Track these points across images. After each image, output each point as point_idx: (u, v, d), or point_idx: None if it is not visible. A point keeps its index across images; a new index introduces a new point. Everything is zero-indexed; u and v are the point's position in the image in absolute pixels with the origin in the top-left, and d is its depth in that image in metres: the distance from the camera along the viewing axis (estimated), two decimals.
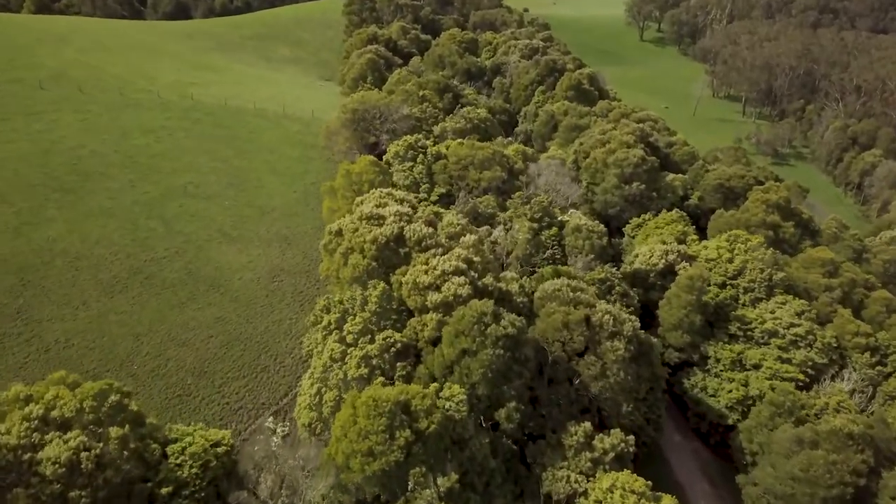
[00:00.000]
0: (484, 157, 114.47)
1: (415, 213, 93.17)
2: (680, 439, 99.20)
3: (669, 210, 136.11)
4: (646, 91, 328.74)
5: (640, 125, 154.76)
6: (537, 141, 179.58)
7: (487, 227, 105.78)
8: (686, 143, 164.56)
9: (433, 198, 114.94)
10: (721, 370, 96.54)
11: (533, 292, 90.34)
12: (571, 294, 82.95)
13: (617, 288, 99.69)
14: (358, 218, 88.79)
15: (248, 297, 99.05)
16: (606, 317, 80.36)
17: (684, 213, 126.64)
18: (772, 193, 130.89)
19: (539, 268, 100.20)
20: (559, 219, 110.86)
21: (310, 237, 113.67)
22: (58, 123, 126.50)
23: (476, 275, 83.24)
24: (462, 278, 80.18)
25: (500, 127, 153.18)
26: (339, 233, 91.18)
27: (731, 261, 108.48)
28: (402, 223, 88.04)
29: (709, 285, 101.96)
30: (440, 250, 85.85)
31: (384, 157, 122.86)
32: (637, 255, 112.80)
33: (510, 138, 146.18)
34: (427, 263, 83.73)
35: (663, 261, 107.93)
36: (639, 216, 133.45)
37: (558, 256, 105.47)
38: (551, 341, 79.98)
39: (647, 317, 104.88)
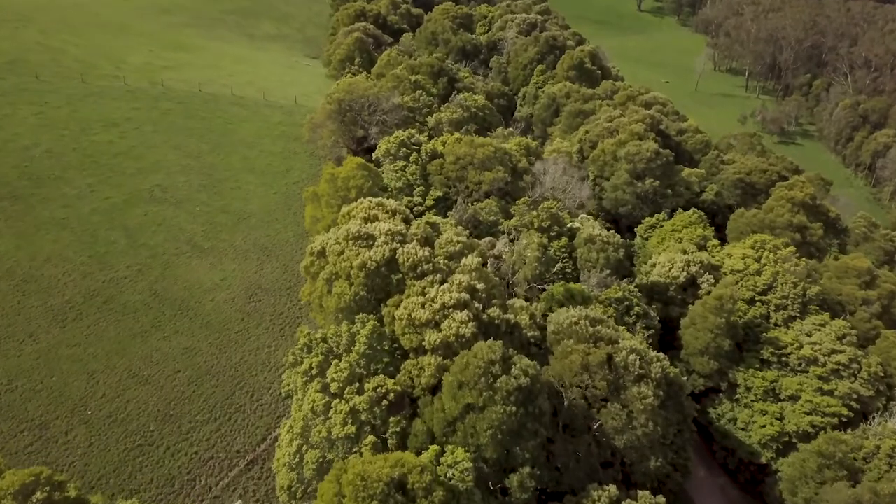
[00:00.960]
0: (484, 156, 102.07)
1: (409, 230, 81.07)
2: (705, 474, 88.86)
3: (685, 208, 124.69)
4: (645, 64, 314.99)
5: (650, 111, 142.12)
6: (538, 125, 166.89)
7: (490, 238, 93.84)
8: (698, 131, 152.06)
9: (428, 202, 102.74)
10: (752, 400, 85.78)
11: (545, 321, 78.94)
12: (590, 329, 71.47)
13: (636, 308, 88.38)
14: (344, 238, 76.63)
15: (222, 322, 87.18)
16: (632, 357, 69.02)
17: (702, 213, 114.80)
18: (797, 190, 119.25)
19: (549, 284, 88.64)
20: (569, 225, 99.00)
21: (291, 246, 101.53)
22: (10, 119, 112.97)
23: (480, 306, 71.62)
24: (465, 313, 68.54)
25: (499, 115, 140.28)
26: (322, 254, 79.10)
27: (759, 273, 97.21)
28: (394, 244, 76.03)
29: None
30: (438, 276, 74.04)
31: (374, 154, 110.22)
32: (655, 266, 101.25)
33: (510, 129, 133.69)
34: (424, 293, 71.99)
35: (685, 273, 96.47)
36: (652, 215, 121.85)
37: (569, 271, 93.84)
38: (569, 385, 68.74)
39: (666, 332, 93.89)
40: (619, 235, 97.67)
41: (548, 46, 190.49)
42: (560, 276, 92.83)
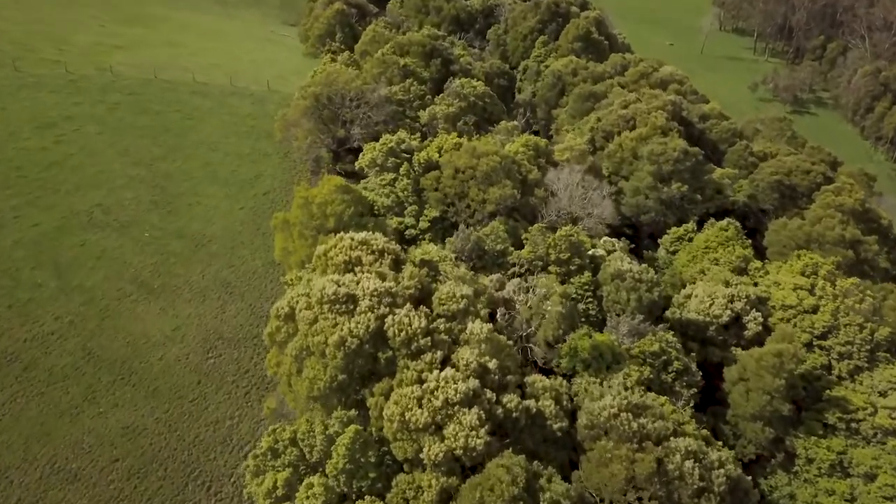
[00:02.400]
0: (489, 168, 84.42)
1: (399, 282, 64.21)
2: None
3: (715, 215, 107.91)
4: (646, 23, 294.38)
5: (671, 97, 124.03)
6: (541, 106, 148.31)
7: (499, 276, 76.97)
8: (723, 116, 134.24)
9: (423, 223, 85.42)
10: (815, 475, 70.65)
11: (572, 396, 63.01)
12: (634, 424, 55.46)
13: (675, 364, 72.38)
14: (318, 301, 59.69)
15: (173, 388, 70.62)
16: (689, 464, 53.33)
17: (737, 225, 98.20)
18: (845, 195, 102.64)
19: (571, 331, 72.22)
20: (590, 252, 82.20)
21: (260, 279, 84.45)
22: None
23: (493, 396, 55.37)
24: (474, 413, 52.36)
25: (500, 103, 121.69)
26: (291, 317, 62.30)
27: (815, 309, 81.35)
28: (381, 308, 59.24)
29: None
30: (439, 354, 57.56)
31: (357, 163, 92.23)
32: (690, 297, 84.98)
33: (514, 122, 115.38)
34: (421, 380, 55.62)
35: (728, 311, 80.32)
36: (678, 223, 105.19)
37: (593, 312, 77.40)
38: (609, 502, 53.10)
39: (703, 376, 78.06)
40: (652, 271, 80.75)
41: (549, 13, 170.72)
42: (583, 319, 76.45)
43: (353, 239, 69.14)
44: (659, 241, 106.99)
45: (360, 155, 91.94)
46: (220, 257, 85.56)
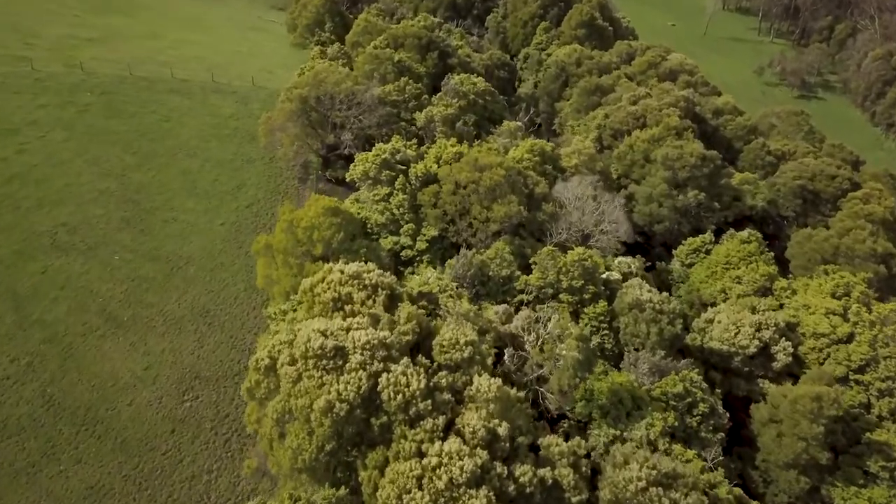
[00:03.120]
0: (493, 183, 76.14)
1: (396, 324, 56.50)
2: None
3: (734, 224, 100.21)
4: (649, 4, 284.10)
5: (683, 92, 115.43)
6: (543, 99, 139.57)
7: (505, 307, 69.13)
8: (737, 111, 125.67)
9: (420, 244, 77.33)
10: None
11: (590, 461, 55.59)
12: (666, 501, 48.07)
13: (701, 406, 64.98)
14: (301, 355, 51.86)
15: (143, 439, 62.97)
16: None
17: (759, 236, 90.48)
18: (874, 203, 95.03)
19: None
20: (605, 275, 74.42)
21: (242, 306, 76.58)
22: None
23: (504, 470, 47.90)
24: (483, 496, 44.83)
25: (502, 100, 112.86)
26: (272, 370, 54.52)
27: (850, 338, 73.91)
28: (375, 364, 51.46)
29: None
30: (441, 419, 49.97)
31: (348, 175, 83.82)
32: (713, 322, 77.43)
33: (518, 122, 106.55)
34: (421, 453, 48.07)
35: (756, 341, 72.80)
36: (694, 233, 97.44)
37: (609, 346, 69.83)
38: None
39: (726, 408, 70.69)
40: (673, 301, 73.06)
41: None
42: (598, 353, 68.91)
43: (342, 272, 61.13)
44: (673, 251, 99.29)
45: (352, 166, 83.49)
46: (197, 281, 77.46)
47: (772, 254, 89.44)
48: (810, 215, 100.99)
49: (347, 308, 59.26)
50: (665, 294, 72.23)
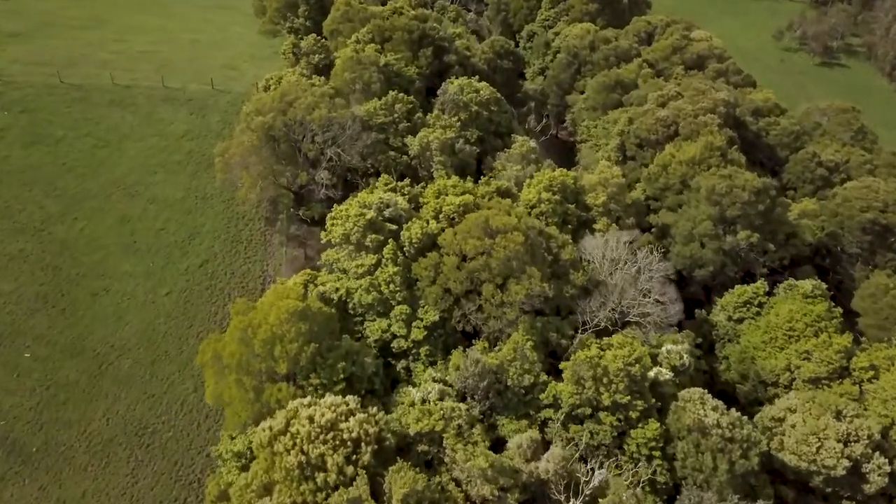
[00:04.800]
0: (510, 252, 58.07)
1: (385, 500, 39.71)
2: None
3: (791, 266, 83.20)
4: None
5: (723, 97, 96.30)
6: (552, 89, 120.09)
7: (528, 436, 52.23)
8: (779, 108, 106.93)
9: (416, 333, 59.73)
10: None
11: None
12: None
13: None
14: None
15: None
16: None
17: (824, 288, 73.89)
18: None
19: None
20: (652, 374, 57.49)
21: (189, 416, 59.43)
22: None
23: None
24: None
25: (509, 109, 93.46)
26: None
27: None
28: None
29: None
30: None
31: (323, 234, 65.43)
32: (782, 421, 61.13)
33: (530, 138, 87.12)
34: None
35: (844, 460, 56.60)
36: (741, 276, 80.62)
37: (661, 479, 53.44)
38: None
39: None
40: (748, 426, 56.01)
41: None
42: (646, 487, 52.72)
43: (312, 422, 44.08)
44: (715, 297, 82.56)
45: (329, 220, 65.03)
46: (133, 383, 60.03)
47: (839, 311, 72.61)
48: (879, 253, 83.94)
49: (319, 478, 42.37)
50: (737, 415, 55.22)
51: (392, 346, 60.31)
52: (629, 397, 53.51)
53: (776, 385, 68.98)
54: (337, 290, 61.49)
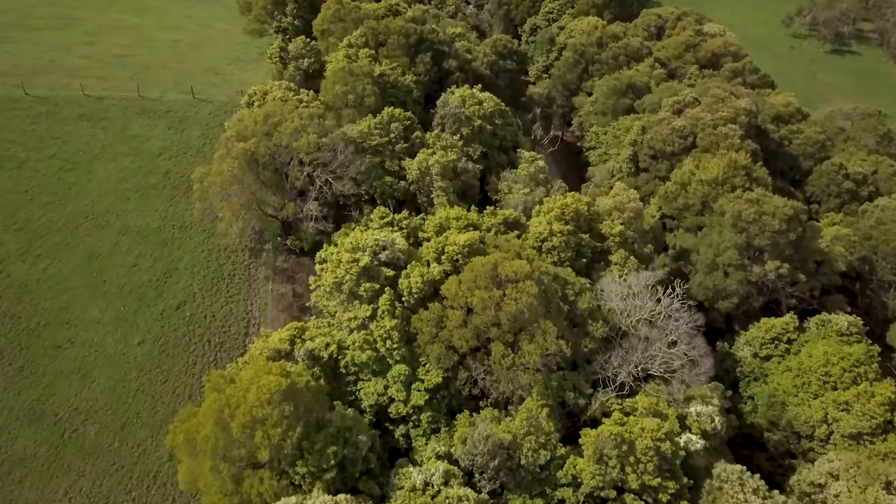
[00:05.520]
0: (523, 304, 51.07)
1: None
2: None
3: (821, 293, 76.60)
4: None
5: (745, 106, 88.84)
6: (558, 89, 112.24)
7: None
8: (801, 113, 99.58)
9: (417, 398, 52.92)
10: None
11: None
12: None
13: None
14: None
15: None
16: None
17: (859, 324, 67.39)
18: None
19: None
20: (680, 440, 50.95)
21: (163, 488, 52.67)
22: None
23: None
24: None
25: (515, 122, 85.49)
26: None
27: None
28: None
29: None
30: None
31: (312, 281, 58.12)
32: (823, 487, 54.84)
33: (539, 160, 78.75)
34: None
35: None
36: (767, 306, 74.17)
37: None
38: None
39: None
40: None
41: None
42: None
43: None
44: (737, 327, 76.21)
45: (317, 264, 57.82)
46: (100, 453, 53.24)
47: (877, 349, 66.15)
48: None
49: None
50: (781, 498, 48.71)
51: (389, 410, 53.55)
52: (659, 479, 46.95)
53: (811, 438, 62.69)
54: (328, 345, 54.50)
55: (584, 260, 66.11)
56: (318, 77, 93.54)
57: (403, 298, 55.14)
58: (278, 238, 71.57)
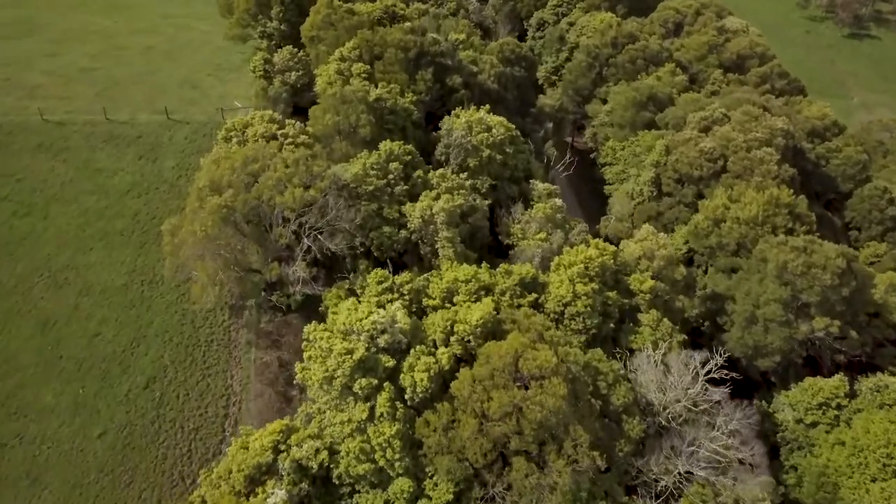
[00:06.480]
0: (550, 408, 42.37)
1: None
2: None
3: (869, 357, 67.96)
4: None
5: (782, 126, 79.25)
6: (568, 95, 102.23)
7: None
8: (837, 126, 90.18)
9: None
10: None
11: None
12: None
13: None
14: None
15: None
16: None
17: None
18: None
19: None
20: None
21: None
22: None
23: None
24: None
25: (527, 146, 75.62)
26: None
27: None
28: None
29: None
30: None
31: (298, 374, 48.86)
32: None
33: (555, 196, 69.04)
34: None
35: None
36: (810, 364, 65.75)
37: None
38: None
39: None
40: None
41: None
42: None
43: None
44: (776, 383, 67.98)
45: (305, 359, 48.76)
46: None
47: None
48: None
49: None
50: None
51: None
52: None
53: None
54: (317, 451, 45.82)
55: (611, 325, 57.33)
56: (306, 90, 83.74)
57: (406, 396, 46.28)
58: (262, 293, 62.40)
